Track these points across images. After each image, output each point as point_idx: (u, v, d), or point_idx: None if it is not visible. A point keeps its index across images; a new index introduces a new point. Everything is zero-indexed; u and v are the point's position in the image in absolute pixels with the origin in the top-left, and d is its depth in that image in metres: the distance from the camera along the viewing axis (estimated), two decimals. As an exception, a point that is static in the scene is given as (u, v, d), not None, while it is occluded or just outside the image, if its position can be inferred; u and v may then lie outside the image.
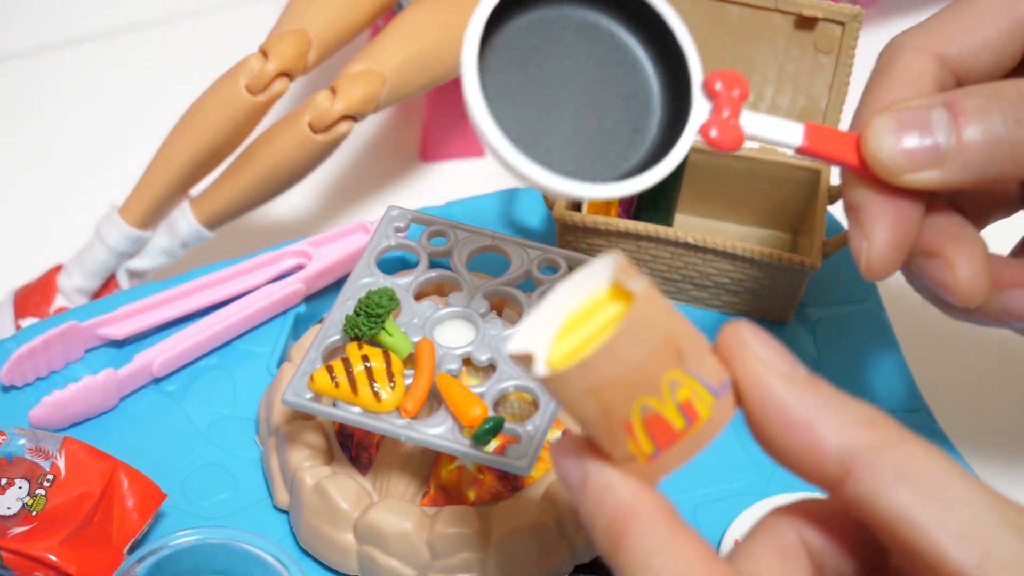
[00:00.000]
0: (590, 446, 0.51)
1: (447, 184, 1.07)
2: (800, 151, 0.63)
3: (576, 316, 0.51)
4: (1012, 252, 0.71)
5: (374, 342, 0.70)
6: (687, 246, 0.83)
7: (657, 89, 0.63)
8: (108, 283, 0.92)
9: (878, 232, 0.62)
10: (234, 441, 0.79)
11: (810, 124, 0.62)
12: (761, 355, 0.50)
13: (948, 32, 0.65)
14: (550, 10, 0.61)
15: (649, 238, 0.83)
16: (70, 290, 0.91)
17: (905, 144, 0.60)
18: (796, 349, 0.83)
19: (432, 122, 1.07)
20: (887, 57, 0.66)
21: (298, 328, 0.85)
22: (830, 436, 0.49)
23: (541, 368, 0.49)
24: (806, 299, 0.88)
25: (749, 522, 0.74)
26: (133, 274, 0.92)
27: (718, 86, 0.61)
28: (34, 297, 0.92)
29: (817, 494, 0.52)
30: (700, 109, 0.61)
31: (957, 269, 0.62)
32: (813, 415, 0.49)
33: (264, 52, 0.88)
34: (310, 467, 0.73)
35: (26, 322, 0.91)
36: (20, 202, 1.04)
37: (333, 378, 0.67)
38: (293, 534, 0.75)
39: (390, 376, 0.67)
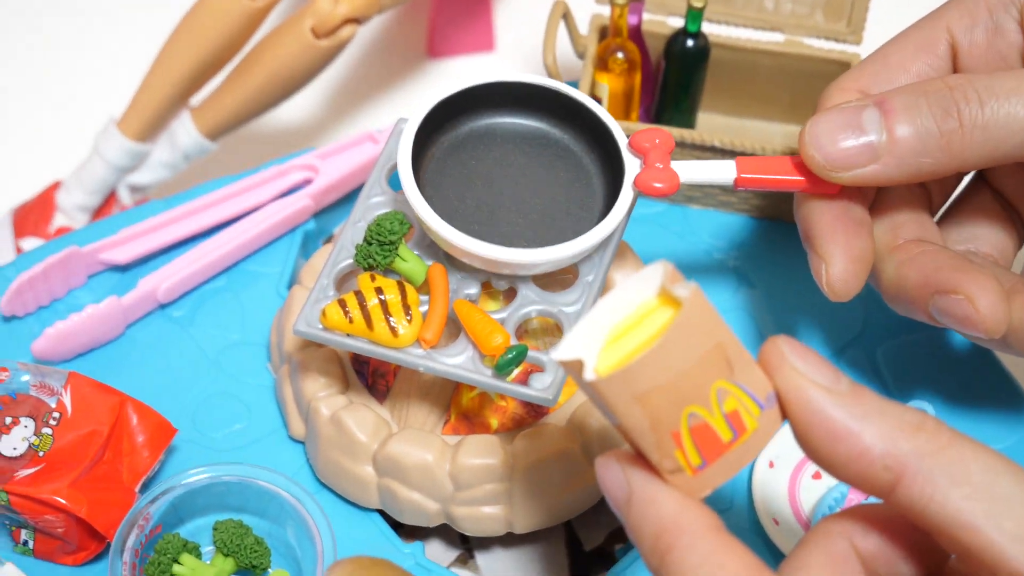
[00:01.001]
0: (635, 460, 0.50)
1: (456, 82, 1.02)
2: (738, 184, 0.66)
3: (625, 324, 0.50)
4: None
5: (388, 270, 0.66)
6: (713, 149, 0.79)
7: (595, 169, 0.68)
8: (109, 199, 0.89)
9: (834, 252, 0.65)
10: (245, 368, 0.76)
11: (741, 157, 0.66)
12: (801, 368, 0.50)
13: (874, 73, 0.68)
14: (480, 123, 0.69)
15: (672, 143, 0.79)
16: (70, 207, 0.88)
17: (840, 143, 0.63)
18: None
19: (438, 16, 1.02)
20: (819, 100, 0.69)
21: (307, 246, 0.82)
22: (876, 444, 0.48)
23: (589, 374, 0.48)
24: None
25: (780, 443, 0.72)
26: (134, 189, 0.88)
27: (644, 143, 0.65)
28: (33, 216, 0.89)
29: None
30: (632, 165, 0.66)
31: (977, 301, 0.63)
32: (857, 424, 0.49)
33: (262, -46, 0.83)
34: (325, 397, 0.70)
35: (26, 242, 0.88)
36: (15, 117, 1.00)
37: (347, 313, 0.63)
38: (310, 465, 0.72)
39: (406, 309, 0.64)
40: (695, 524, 0.49)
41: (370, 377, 0.71)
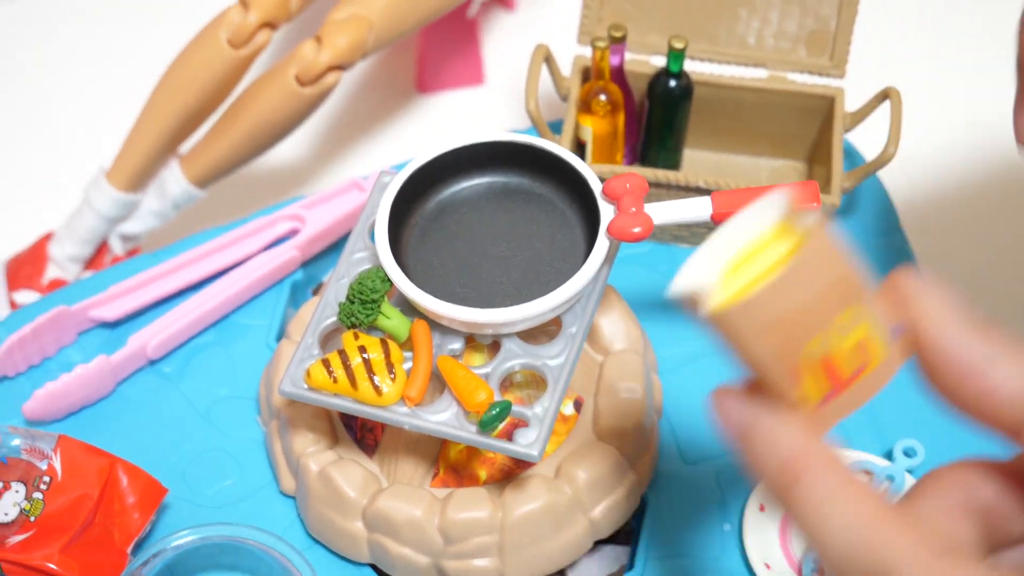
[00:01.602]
0: (756, 392, 0.48)
1: (446, 118, 1.03)
2: (716, 219, 0.65)
3: (744, 254, 0.47)
4: None
5: (372, 328, 0.66)
6: (698, 190, 0.79)
7: (577, 220, 0.68)
8: (101, 249, 0.89)
9: None
10: (235, 423, 0.76)
11: (717, 192, 0.66)
12: (937, 299, 0.48)
13: None
14: (458, 186, 0.70)
15: (659, 184, 0.79)
16: (62, 259, 0.88)
17: None
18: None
19: (428, 52, 1.03)
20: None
21: (296, 296, 0.82)
22: (1008, 382, 0.46)
23: (712, 306, 0.46)
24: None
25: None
26: (126, 238, 0.89)
27: (617, 189, 0.66)
28: (26, 268, 0.89)
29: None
30: (606, 212, 0.66)
31: None
32: (989, 361, 0.47)
33: (244, 3, 0.83)
34: (314, 452, 0.70)
35: (20, 295, 0.88)
36: (5, 168, 1.00)
37: (331, 373, 0.64)
38: (301, 520, 0.72)
39: (389, 367, 0.64)
40: (820, 459, 0.47)
41: (359, 431, 0.72)
